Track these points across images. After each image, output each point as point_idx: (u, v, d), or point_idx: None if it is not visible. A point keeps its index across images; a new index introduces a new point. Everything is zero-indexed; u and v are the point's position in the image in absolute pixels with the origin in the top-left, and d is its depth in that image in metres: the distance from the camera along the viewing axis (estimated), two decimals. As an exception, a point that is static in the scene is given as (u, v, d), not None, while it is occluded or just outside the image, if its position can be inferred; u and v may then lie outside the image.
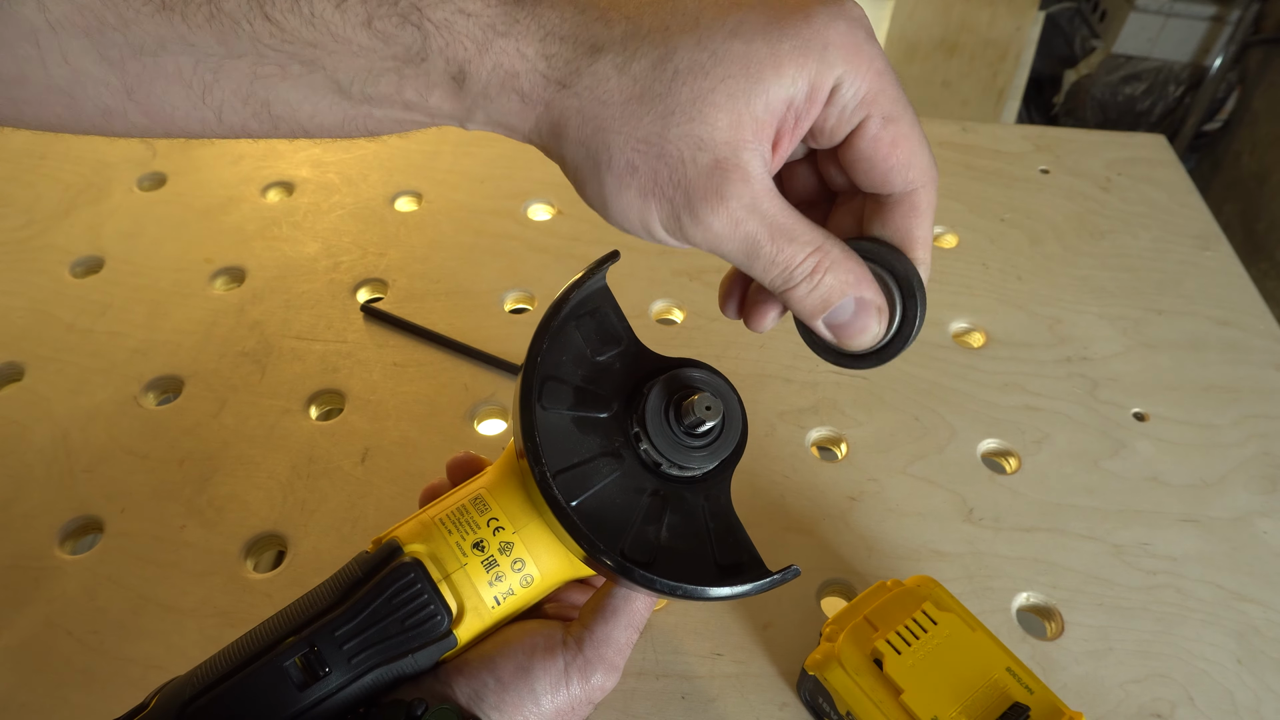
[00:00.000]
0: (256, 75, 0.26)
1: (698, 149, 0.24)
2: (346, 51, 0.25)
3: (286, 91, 0.27)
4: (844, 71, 0.25)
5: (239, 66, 0.26)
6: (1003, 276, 0.70)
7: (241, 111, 0.27)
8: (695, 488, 0.36)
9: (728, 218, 0.25)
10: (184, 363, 0.59)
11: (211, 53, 0.26)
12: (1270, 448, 0.58)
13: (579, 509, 0.33)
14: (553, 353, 0.35)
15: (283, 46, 0.25)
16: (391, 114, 0.27)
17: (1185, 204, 0.78)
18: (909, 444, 0.57)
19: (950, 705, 0.38)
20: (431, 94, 0.26)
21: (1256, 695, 0.46)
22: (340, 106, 0.27)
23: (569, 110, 0.25)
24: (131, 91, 0.27)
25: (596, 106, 0.25)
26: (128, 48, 0.26)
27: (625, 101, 0.25)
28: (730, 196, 0.25)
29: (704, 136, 0.24)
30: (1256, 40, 1.82)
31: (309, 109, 0.27)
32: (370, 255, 0.67)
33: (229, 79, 0.26)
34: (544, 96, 0.25)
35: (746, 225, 0.25)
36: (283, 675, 0.31)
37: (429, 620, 0.33)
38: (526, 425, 0.33)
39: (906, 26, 1.67)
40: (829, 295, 0.28)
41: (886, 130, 0.26)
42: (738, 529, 0.36)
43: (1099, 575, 0.51)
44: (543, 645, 0.34)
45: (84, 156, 0.75)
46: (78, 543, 0.51)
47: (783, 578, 0.34)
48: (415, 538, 0.35)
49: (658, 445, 0.34)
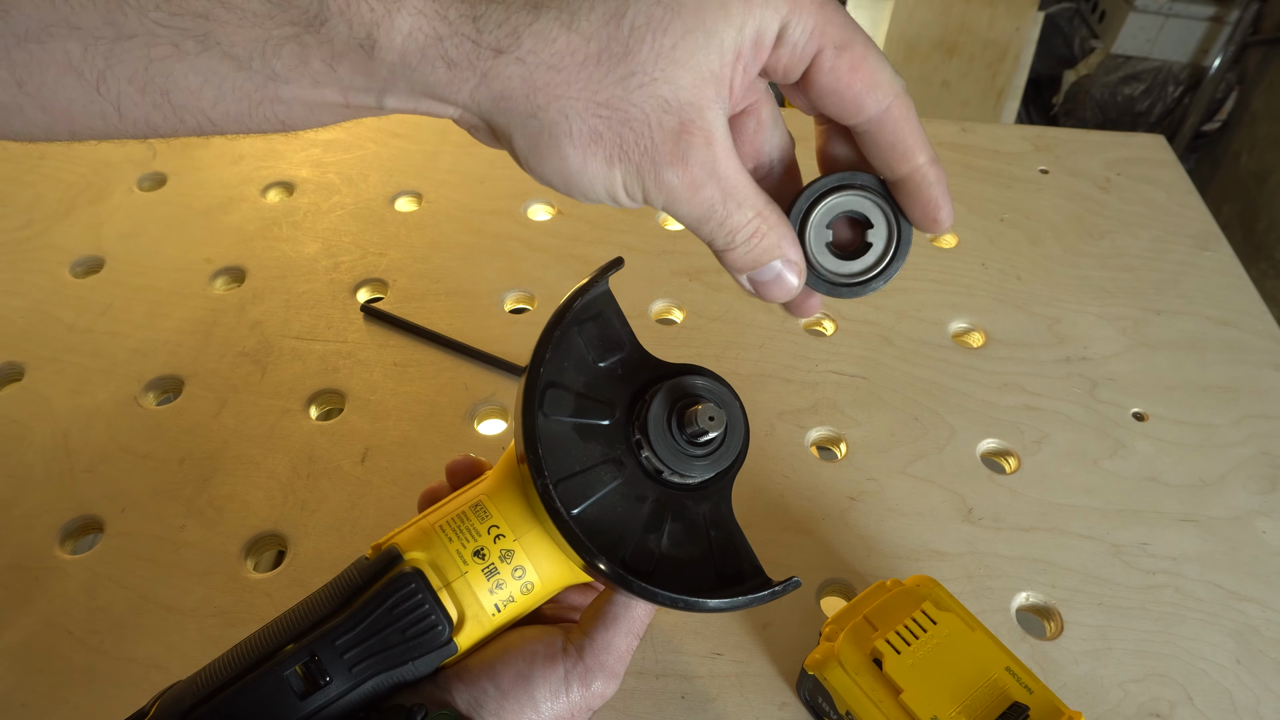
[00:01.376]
0: (151, 58, 0.24)
1: (664, 111, 0.24)
2: (239, 20, 0.23)
3: (184, 75, 0.25)
4: (788, 12, 0.25)
5: (131, 49, 0.24)
6: (1002, 276, 0.70)
7: (141, 103, 0.25)
8: (697, 495, 0.35)
9: (690, 181, 0.25)
10: (184, 363, 0.59)
11: (100, 35, 0.24)
12: (1269, 448, 0.59)
13: (580, 517, 0.33)
14: (555, 359, 0.34)
15: (172, 21, 0.24)
16: (301, 93, 0.25)
17: (1184, 204, 0.78)
18: (908, 444, 0.57)
19: (950, 705, 0.39)
20: (339, 65, 0.24)
21: (1255, 695, 0.46)
22: (243, 89, 0.25)
23: (513, 79, 0.23)
24: (22, 84, 0.25)
25: (546, 73, 0.23)
26: (11, 35, 0.24)
27: (580, 64, 0.23)
28: (693, 161, 0.24)
29: (669, 97, 0.24)
30: (1256, 40, 1.83)
31: (211, 94, 0.25)
32: (370, 255, 0.67)
33: (122, 64, 0.24)
34: (479, 65, 0.23)
35: (705, 189, 0.25)
36: (283, 684, 0.31)
37: (430, 630, 0.33)
38: (529, 436, 0.33)
39: (906, 26, 1.67)
40: (760, 257, 0.28)
41: (842, 58, 0.26)
42: (739, 537, 0.35)
43: (1098, 575, 0.51)
44: (543, 652, 0.34)
45: (84, 156, 0.75)
46: (78, 543, 0.51)
47: (783, 589, 0.33)
48: (415, 545, 0.35)
49: (659, 453, 0.34)
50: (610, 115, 0.24)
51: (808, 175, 0.33)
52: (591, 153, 0.24)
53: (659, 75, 0.23)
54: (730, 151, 0.26)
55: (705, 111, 0.24)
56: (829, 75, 0.26)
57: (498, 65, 0.23)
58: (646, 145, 0.24)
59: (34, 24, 0.24)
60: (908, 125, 0.27)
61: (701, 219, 0.26)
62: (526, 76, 0.23)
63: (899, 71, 0.27)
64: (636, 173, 0.25)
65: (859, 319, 0.65)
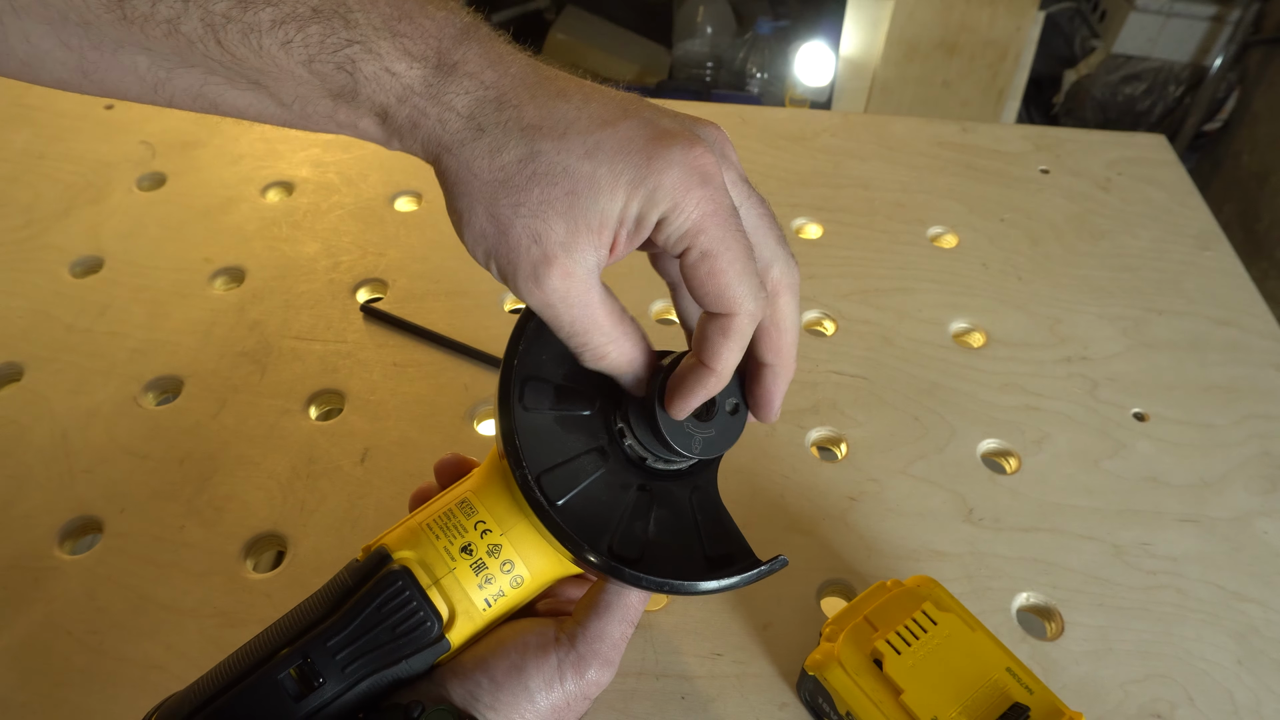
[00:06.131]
0: (207, 82, 0.30)
1: (533, 242, 0.29)
2: (289, 80, 0.29)
3: (234, 99, 0.31)
4: (668, 209, 0.29)
5: (191, 74, 0.30)
6: (1003, 276, 0.70)
7: (190, 104, 0.31)
8: (682, 481, 0.36)
9: (540, 300, 0.30)
10: (184, 363, 0.59)
11: (167, 59, 0.29)
12: (1270, 448, 0.58)
13: (565, 508, 0.33)
14: (532, 352, 0.35)
15: (232, 66, 0.29)
16: (325, 128, 0.32)
17: (1185, 204, 0.78)
18: (909, 444, 0.57)
19: (950, 705, 0.38)
20: (360, 121, 0.31)
21: (1256, 695, 0.46)
22: (281, 115, 0.31)
23: (450, 168, 0.30)
24: (88, 74, 0.29)
25: (468, 176, 0.30)
26: (87, 41, 0.28)
27: (488, 183, 0.30)
28: (546, 286, 0.30)
29: (541, 234, 0.29)
30: (1256, 40, 1.82)
31: (253, 113, 0.31)
32: (370, 255, 0.67)
33: (181, 80, 0.30)
34: (435, 151, 0.31)
35: (556, 310, 0.31)
36: (278, 687, 0.32)
37: (419, 627, 0.33)
38: (506, 429, 0.33)
39: (906, 26, 1.67)
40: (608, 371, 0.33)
41: (703, 263, 0.30)
42: (726, 520, 0.36)
43: (1099, 575, 0.51)
44: (535, 643, 0.34)
45: (84, 156, 0.75)
46: (78, 543, 0.51)
47: (770, 568, 0.34)
48: (403, 544, 0.35)
49: (642, 440, 0.34)
50: (495, 227, 0.30)
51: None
52: (477, 243, 0.30)
53: (539, 215, 0.29)
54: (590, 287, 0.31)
55: (574, 253, 0.30)
56: (689, 270, 0.31)
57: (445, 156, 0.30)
58: (513, 259, 0.30)
59: (110, 39, 0.28)
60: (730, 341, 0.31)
61: (552, 326, 0.32)
62: (456, 171, 0.30)
63: (899, 72, 0.27)
64: (503, 272, 0.31)
65: (859, 319, 0.65)
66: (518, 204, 0.29)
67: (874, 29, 1.70)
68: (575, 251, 0.30)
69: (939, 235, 0.74)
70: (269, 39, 0.28)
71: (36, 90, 0.81)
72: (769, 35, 1.86)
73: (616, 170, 0.29)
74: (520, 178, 0.29)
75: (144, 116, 0.79)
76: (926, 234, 0.73)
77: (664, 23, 2.00)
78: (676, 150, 0.29)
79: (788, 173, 0.78)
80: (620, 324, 0.32)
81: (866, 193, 0.76)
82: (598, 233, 0.30)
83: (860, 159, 0.80)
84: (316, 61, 0.29)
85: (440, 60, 0.30)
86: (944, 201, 0.76)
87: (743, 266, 0.30)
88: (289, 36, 0.28)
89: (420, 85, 0.30)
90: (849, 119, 0.85)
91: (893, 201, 0.76)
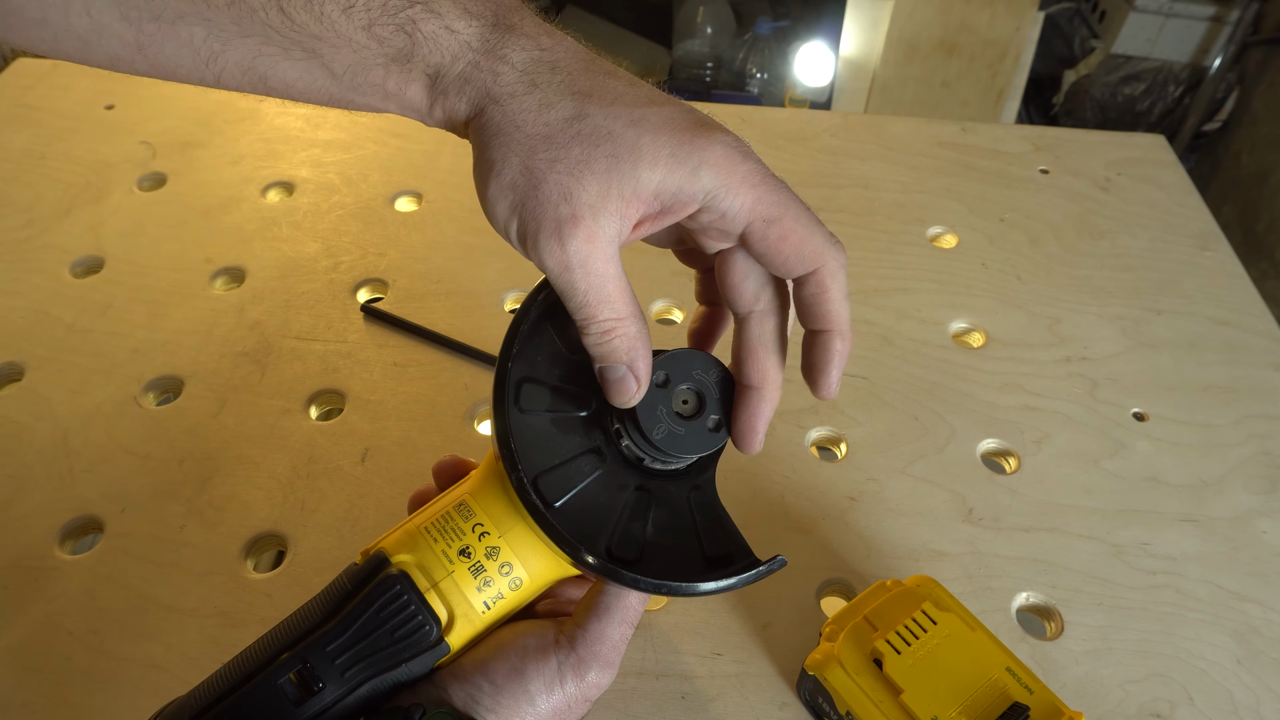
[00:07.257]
0: (260, 53, 0.30)
1: (563, 199, 0.29)
2: (346, 47, 0.30)
3: (285, 71, 0.31)
4: (715, 186, 0.29)
5: (246, 44, 0.30)
6: (1002, 276, 0.70)
7: (239, 80, 0.31)
8: (680, 481, 0.36)
9: (560, 260, 0.30)
10: (184, 363, 0.59)
11: (225, 30, 0.29)
12: (1270, 448, 0.59)
13: (562, 510, 0.33)
14: (527, 353, 0.34)
15: (290, 34, 0.29)
16: (371, 101, 0.32)
17: (1185, 204, 0.78)
18: (909, 444, 0.57)
19: (950, 705, 0.39)
20: (409, 87, 0.31)
21: (1256, 695, 0.46)
22: (329, 89, 0.31)
23: (493, 119, 0.30)
24: (143, 48, 0.30)
25: (511, 128, 0.30)
26: (148, 11, 0.29)
27: (530, 136, 0.29)
28: (569, 246, 0.29)
29: (573, 192, 0.29)
30: (1256, 40, 1.82)
31: (301, 86, 0.31)
32: (370, 255, 0.67)
33: (235, 52, 0.30)
34: (482, 103, 0.30)
35: (573, 273, 0.30)
36: (278, 692, 0.31)
37: (418, 630, 0.33)
38: (501, 431, 0.33)
39: (906, 26, 1.67)
40: (609, 355, 0.32)
41: (771, 230, 0.30)
42: (725, 520, 0.36)
43: (1099, 575, 0.51)
44: (535, 646, 0.34)
45: (84, 156, 0.75)
46: (78, 543, 0.51)
47: (769, 568, 0.34)
48: (402, 548, 0.35)
49: (638, 441, 0.34)
50: (528, 179, 0.29)
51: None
52: (505, 194, 0.30)
53: (574, 173, 0.29)
54: (610, 257, 0.30)
55: (600, 217, 0.29)
56: (760, 243, 0.31)
57: (491, 107, 0.30)
58: (540, 214, 0.29)
59: (170, 9, 0.29)
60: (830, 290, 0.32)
61: (564, 294, 0.31)
62: (499, 121, 0.30)
63: (899, 72, 0.28)
64: (525, 229, 0.30)
65: (859, 319, 0.65)
66: (555, 159, 0.29)
67: (874, 29, 1.70)
68: (602, 216, 0.29)
69: (939, 235, 0.74)
70: (331, 4, 0.29)
71: (37, 90, 0.81)
72: (769, 35, 1.86)
73: (660, 142, 0.29)
74: (565, 135, 0.29)
75: (144, 117, 0.79)
76: (926, 234, 0.73)
77: (664, 23, 2.00)
78: (718, 133, 0.30)
79: (788, 173, 0.78)
80: (632, 305, 0.32)
81: (866, 193, 0.77)
82: (629, 202, 0.30)
83: (860, 159, 0.80)
84: (377, 25, 0.29)
85: (498, 20, 0.30)
86: (943, 201, 0.76)
87: (810, 218, 0.31)
88: (352, 1, 0.29)
89: (478, 41, 0.30)
90: (849, 119, 0.85)
91: (892, 201, 0.76)
